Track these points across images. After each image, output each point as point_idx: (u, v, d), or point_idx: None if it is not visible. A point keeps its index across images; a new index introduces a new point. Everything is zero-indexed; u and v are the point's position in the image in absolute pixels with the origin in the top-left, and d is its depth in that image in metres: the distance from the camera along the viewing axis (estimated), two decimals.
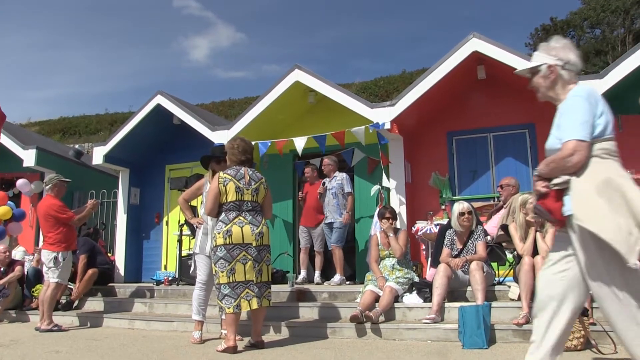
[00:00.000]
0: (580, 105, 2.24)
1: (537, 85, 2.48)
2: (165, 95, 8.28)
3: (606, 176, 2.16)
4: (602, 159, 2.22)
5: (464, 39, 6.49)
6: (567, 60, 2.39)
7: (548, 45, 2.45)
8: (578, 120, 2.21)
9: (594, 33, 26.28)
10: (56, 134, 28.98)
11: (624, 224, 2.07)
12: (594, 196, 2.14)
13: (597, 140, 2.23)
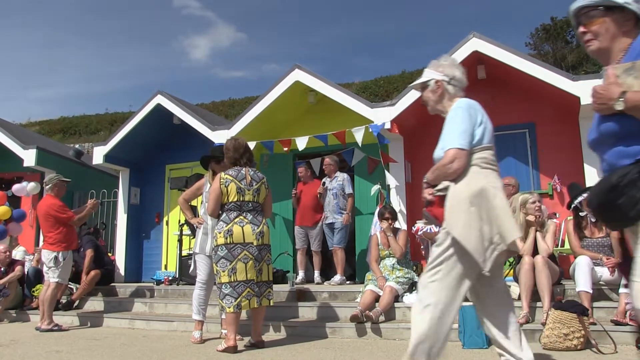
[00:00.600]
0: (460, 116, 2.40)
1: (426, 99, 2.66)
2: (166, 95, 8.28)
3: (481, 186, 2.31)
4: (481, 168, 2.38)
5: (464, 39, 6.48)
6: (452, 76, 2.58)
7: (437, 62, 2.64)
8: (458, 130, 2.37)
9: None
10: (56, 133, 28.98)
11: (487, 232, 2.26)
12: (466, 204, 2.29)
13: (476, 150, 2.40)
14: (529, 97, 6.93)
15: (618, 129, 1.72)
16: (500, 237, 2.28)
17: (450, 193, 2.38)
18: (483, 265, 2.27)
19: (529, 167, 6.91)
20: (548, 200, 6.56)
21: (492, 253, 2.29)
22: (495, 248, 2.30)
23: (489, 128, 2.47)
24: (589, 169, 6.02)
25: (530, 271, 4.32)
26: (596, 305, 4.27)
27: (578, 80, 5.86)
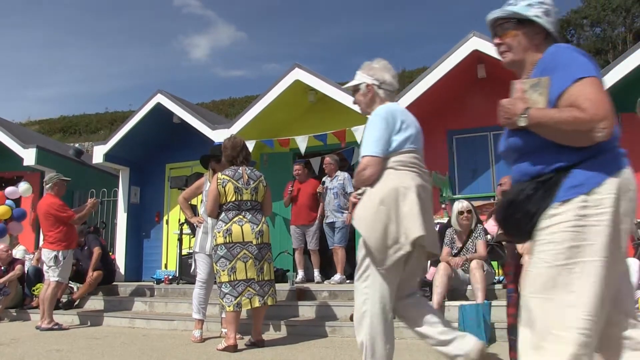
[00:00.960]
0: (376, 124, 2.44)
1: (358, 102, 2.72)
2: (166, 94, 8.28)
3: (393, 186, 2.36)
4: (396, 170, 2.42)
5: (464, 38, 6.48)
6: (383, 80, 2.62)
7: (369, 65, 2.67)
8: (373, 138, 2.42)
9: (595, 31, 26.28)
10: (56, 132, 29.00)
11: (393, 231, 2.30)
12: (376, 204, 2.35)
13: (393, 154, 2.43)
14: None
15: (522, 144, 1.73)
16: (406, 238, 2.31)
17: (365, 195, 2.47)
18: (382, 263, 2.33)
19: None
20: None
21: (395, 252, 2.33)
22: (400, 248, 2.32)
23: (412, 133, 2.50)
24: None
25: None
26: None
27: None
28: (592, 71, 1.62)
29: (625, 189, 1.60)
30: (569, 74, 1.61)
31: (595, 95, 1.57)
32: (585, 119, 1.55)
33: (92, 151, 8.87)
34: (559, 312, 1.54)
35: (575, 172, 1.61)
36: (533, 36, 1.81)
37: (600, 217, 1.56)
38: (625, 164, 1.65)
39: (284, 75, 7.46)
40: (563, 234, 1.58)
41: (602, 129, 1.54)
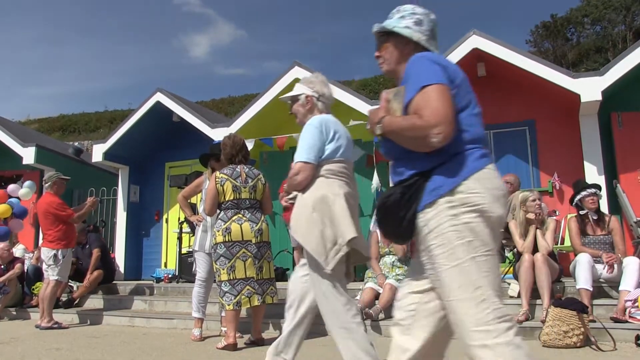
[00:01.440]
0: (311, 132, 2.59)
1: (295, 112, 2.85)
2: (165, 93, 8.27)
3: (323, 193, 2.48)
4: (327, 178, 2.56)
5: (464, 36, 6.48)
6: (322, 93, 2.81)
7: (309, 79, 2.87)
8: (306, 145, 2.57)
9: (595, 30, 26.25)
10: (55, 131, 28.97)
11: (330, 235, 2.42)
12: (309, 210, 2.48)
13: (325, 162, 2.57)
14: (529, 95, 6.93)
15: (390, 150, 1.82)
16: (343, 239, 2.42)
17: (297, 201, 2.62)
18: (325, 264, 2.44)
19: (529, 164, 6.90)
20: (548, 197, 6.56)
21: (336, 254, 2.44)
22: (339, 249, 2.43)
23: (343, 144, 2.66)
24: (589, 166, 6.02)
25: (530, 269, 4.32)
26: (596, 302, 4.27)
27: (578, 78, 5.85)
28: (437, 79, 1.69)
29: (488, 185, 1.67)
30: (416, 83, 1.70)
31: (433, 102, 1.64)
32: (421, 125, 1.63)
33: (92, 150, 8.86)
34: (477, 310, 1.59)
35: (434, 175, 1.69)
36: (403, 47, 1.91)
37: (470, 214, 1.63)
38: (486, 163, 1.71)
39: (283, 74, 7.44)
40: (446, 235, 1.65)
41: (437, 134, 1.61)
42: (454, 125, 1.65)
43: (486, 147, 1.77)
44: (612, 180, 6.05)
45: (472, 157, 1.71)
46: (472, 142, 1.73)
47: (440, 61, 1.77)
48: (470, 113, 1.76)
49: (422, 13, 1.93)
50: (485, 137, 1.80)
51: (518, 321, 4.11)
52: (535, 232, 4.56)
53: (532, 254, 4.41)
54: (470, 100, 1.78)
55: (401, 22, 1.91)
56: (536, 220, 4.60)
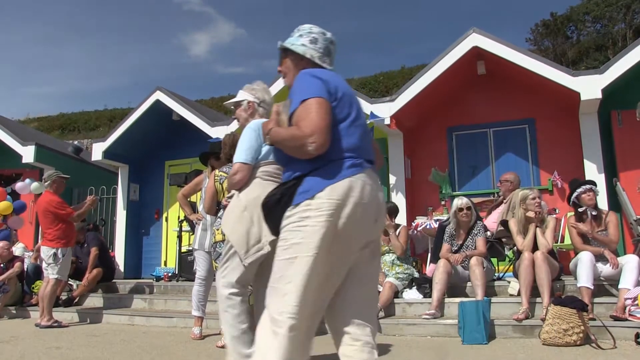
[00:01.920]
0: (249, 135, 2.77)
1: (238, 116, 3.07)
2: (165, 91, 8.26)
3: (257, 194, 2.57)
4: (262, 180, 2.71)
5: (464, 34, 6.46)
6: (263, 99, 3.05)
7: (251, 86, 3.07)
8: (244, 147, 2.74)
9: (595, 28, 26.22)
10: (55, 130, 28.94)
11: (255, 233, 2.57)
12: (241, 208, 2.63)
13: (261, 164, 2.73)
14: (528, 93, 6.92)
15: (279, 157, 2.02)
16: (266, 239, 2.55)
17: (232, 199, 2.78)
18: (244, 258, 2.64)
19: (529, 162, 6.90)
20: (548, 196, 6.55)
21: (257, 251, 2.60)
22: (261, 247, 2.59)
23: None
24: (588, 165, 6.01)
25: (529, 267, 4.32)
26: (596, 300, 4.27)
27: (578, 76, 5.84)
28: (316, 93, 1.84)
29: (350, 194, 1.78)
30: (298, 96, 1.86)
31: (310, 114, 1.79)
32: (298, 135, 1.79)
33: (91, 148, 8.86)
34: (279, 300, 1.78)
35: (306, 179, 1.84)
36: (298, 63, 2.10)
37: (318, 219, 1.76)
38: (353, 173, 1.83)
39: None
40: (288, 232, 1.81)
41: (311, 143, 1.76)
42: (328, 135, 1.79)
43: (362, 157, 1.89)
44: (612, 178, 6.05)
45: (342, 167, 1.84)
46: (346, 151, 1.86)
47: (322, 76, 1.92)
48: (350, 124, 1.90)
49: (317, 32, 2.14)
50: (364, 147, 1.92)
51: (518, 319, 4.11)
52: (535, 230, 4.56)
53: (532, 252, 4.41)
54: (350, 112, 1.92)
55: (298, 40, 2.11)
56: (536, 218, 4.60)
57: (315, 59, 2.10)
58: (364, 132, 1.96)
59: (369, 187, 1.85)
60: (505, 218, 4.96)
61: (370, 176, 1.88)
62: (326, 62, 2.12)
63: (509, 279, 4.91)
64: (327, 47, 2.14)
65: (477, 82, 7.20)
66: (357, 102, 1.99)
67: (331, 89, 1.90)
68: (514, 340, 4.00)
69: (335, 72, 2.06)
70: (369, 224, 1.88)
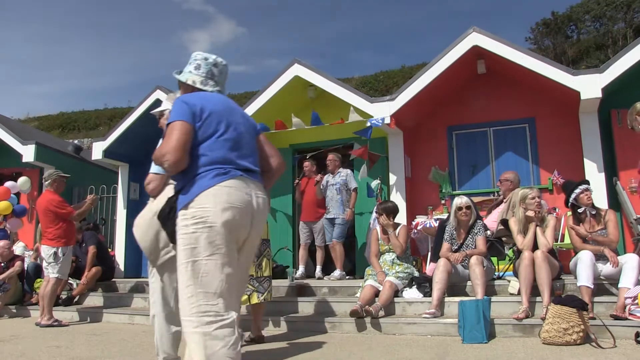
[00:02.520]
0: None
1: (162, 126, 3.05)
2: (164, 90, 8.23)
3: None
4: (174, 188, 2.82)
5: (464, 33, 6.46)
6: None
7: (174, 95, 3.01)
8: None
9: (595, 27, 26.20)
10: (55, 129, 28.94)
11: (164, 237, 2.59)
12: (152, 214, 2.68)
13: None
14: (529, 92, 6.92)
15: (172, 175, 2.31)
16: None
17: (147, 206, 2.90)
18: (153, 262, 2.83)
19: (529, 161, 6.90)
20: (548, 195, 6.55)
21: (166, 254, 2.77)
22: (170, 250, 2.72)
23: None
24: (588, 164, 6.01)
25: (529, 266, 4.32)
26: (596, 300, 4.27)
27: (578, 75, 5.83)
28: (179, 117, 2.12)
29: (215, 200, 2.03)
30: (169, 120, 2.16)
31: (169, 136, 2.08)
32: (157, 154, 2.12)
33: (91, 147, 8.84)
34: (185, 302, 1.99)
35: (181, 193, 2.12)
36: (185, 89, 2.41)
37: (194, 226, 2.01)
38: (218, 181, 2.07)
39: (283, 71, 7.43)
40: (180, 240, 2.06)
41: (166, 161, 2.07)
42: (181, 153, 2.06)
43: (231, 166, 2.13)
44: (611, 177, 6.04)
45: (207, 178, 2.08)
46: (210, 164, 2.11)
47: (190, 101, 2.20)
48: (216, 140, 2.15)
49: (200, 58, 2.40)
50: (232, 158, 2.16)
51: (518, 318, 4.11)
52: (535, 229, 4.56)
53: (532, 251, 4.41)
54: (218, 129, 2.18)
55: (187, 68, 2.41)
56: (536, 217, 4.60)
57: (197, 84, 2.37)
58: (235, 144, 2.19)
59: (236, 191, 2.08)
60: (505, 217, 4.96)
61: (241, 182, 2.12)
62: (209, 84, 2.39)
63: (509, 278, 4.90)
64: (209, 71, 2.41)
65: (477, 81, 7.20)
66: (228, 118, 2.24)
67: (197, 111, 2.16)
68: (514, 339, 4.00)
69: (218, 92, 2.38)
70: (242, 222, 2.11)
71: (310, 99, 7.77)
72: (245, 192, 2.12)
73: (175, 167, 2.09)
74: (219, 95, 2.35)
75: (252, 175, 2.21)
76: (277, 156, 2.48)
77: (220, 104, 2.27)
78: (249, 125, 2.37)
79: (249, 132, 2.33)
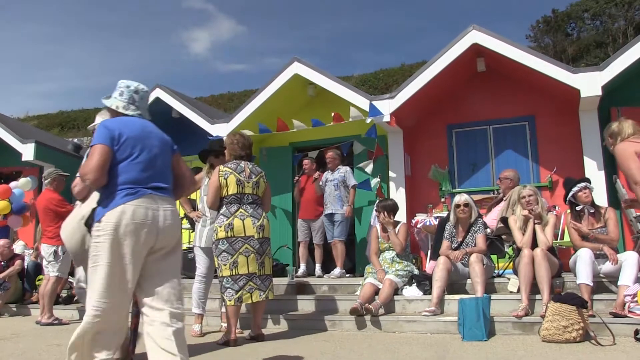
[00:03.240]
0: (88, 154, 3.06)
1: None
2: (164, 89, 8.25)
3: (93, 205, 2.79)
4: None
5: (464, 31, 6.45)
6: None
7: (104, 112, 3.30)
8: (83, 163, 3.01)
9: (595, 25, 26.16)
10: (55, 127, 28.92)
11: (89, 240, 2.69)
12: (80, 217, 2.89)
13: None
14: (528, 90, 6.91)
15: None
16: None
17: (75, 209, 3.17)
18: (78, 263, 3.05)
19: (529, 159, 6.90)
20: (547, 193, 6.56)
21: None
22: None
23: None
24: (588, 162, 6.01)
25: (529, 264, 4.32)
26: (595, 297, 4.27)
27: (578, 73, 5.83)
28: (98, 140, 2.45)
29: (122, 217, 2.39)
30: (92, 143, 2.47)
31: (90, 157, 2.43)
32: (80, 173, 2.48)
33: None
34: (88, 299, 2.39)
35: (98, 207, 2.49)
36: (111, 112, 2.77)
37: (104, 237, 2.38)
38: (127, 200, 2.42)
39: (283, 69, 7.42)
40: (91, 247, 2.44)
41: (86, 179, 2.42)
42: (99, 172, 2.40)
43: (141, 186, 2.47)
44: (611, 175, 6.04)
45: (119, 196, 2.42)
46: (124, 183, 2.44)
47: (110, 125, 2.52)
48: (130, 162, 2.49)
49: (124, 86, 2.72)
50: (143, 178, 2.50)
51: (517, 316, 4.11)
52: (534, 227, 4.56)
53: (532, 249, 4.41)
54: (133, 152, 2.50)
55: (113, 94, 2.74)
56: (531, 216, 4.60)
57: (120, 109, 2.70)
58: (147, 166, 2.54)
59: (141, 208, 2.43)
60: (505, 215, 4.96)
61: (148, 199, 2.47)
62: (130, 109, 2.71)
63: (508, 276, 4.91)
64: (131, 97, 2.73)
65: (476, 79, 7.19)
66: (144, 142, 2.58)
67: (115, 136, 2.48)
68: (514, 337, 4.00)
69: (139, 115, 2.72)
70: (149, 236, 2.45)
71: (310, 97, 7.77)
72: (152, 208, 2.47)
73: (95, 185, 2.46)
74: (139, 120, 2.68)
75: (162, 192, 2.56)
76: (188, 176, 2.91)
77: (137, 129, 2.60)
78: (165, 147, 2.75)
79: (163, 153, 2.69)
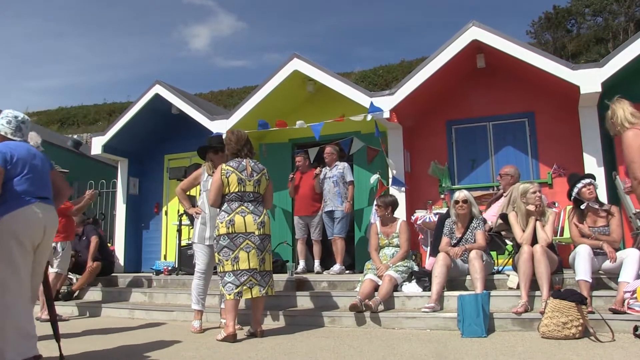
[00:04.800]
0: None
1: None
2: (164, 85, 8.23)
3: None
4: None
5: (464, 28, 6.43)
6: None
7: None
8: None
9: (595, 21, 26.11)
10: (54, 124, 28.91)
11: None
12: None
13: None
14: (528, 86, 6.90)
15: None
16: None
17: None
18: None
19: (529, 156, 6.89)
20: (547, 189, 6.55)
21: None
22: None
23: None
24: (588, 158, 6.01)
25: (529, 260, 4.32)
26: (594, 294, 4.28)
27: (578, 69, 5.82)
28: None
29: (15, 219, 3.00)
30: None
31: None
32: None
33: (91, 142, 8.84)
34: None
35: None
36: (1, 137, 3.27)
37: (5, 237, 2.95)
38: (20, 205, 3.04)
39: (282, 66, 7.41)
40: None
41: None
42: None
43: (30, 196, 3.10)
44: (611, 172, 6.04)
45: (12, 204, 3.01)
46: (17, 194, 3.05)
47: (3, 149, 3.09)
48: (20, 178, 3.10)
49: (11, 116, 3.32)
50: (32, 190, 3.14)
51: (517, 312, 4.12)
52: (534, 223, 4.56)
53: (532, 246, 4.41)
54: (23, 171, 3.12)
55: (1, 122, 3.29)
56: (536, 211, 4.60)
57: (8, 135, 3.28)
58: (34, 181, 3.15)
59: (32, 212, 3.07)
60: (505, 211, 4.96)
61: (35, 206, 3.10)
62: (17, 135, 3.30)
63: (508, 273, 4.91)
64: (18, 126, 3.32)
65: (476, 75, 7.18)
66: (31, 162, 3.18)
67: (8, 157, 3.08)
68: (513, 333, 4.01)
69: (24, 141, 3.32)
70: (35, 234, 3.09)
71: (310, 93, 7.75)
72: (40, 212, 3.12)
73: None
74: (24, 144, 3.29)
75: (45, 201, 3.21)
76: (64, 187, 3.56)
77: (24, 152, 3.21)
78: (45, 165, 3.32)
79: (44, 170, 3.29)
